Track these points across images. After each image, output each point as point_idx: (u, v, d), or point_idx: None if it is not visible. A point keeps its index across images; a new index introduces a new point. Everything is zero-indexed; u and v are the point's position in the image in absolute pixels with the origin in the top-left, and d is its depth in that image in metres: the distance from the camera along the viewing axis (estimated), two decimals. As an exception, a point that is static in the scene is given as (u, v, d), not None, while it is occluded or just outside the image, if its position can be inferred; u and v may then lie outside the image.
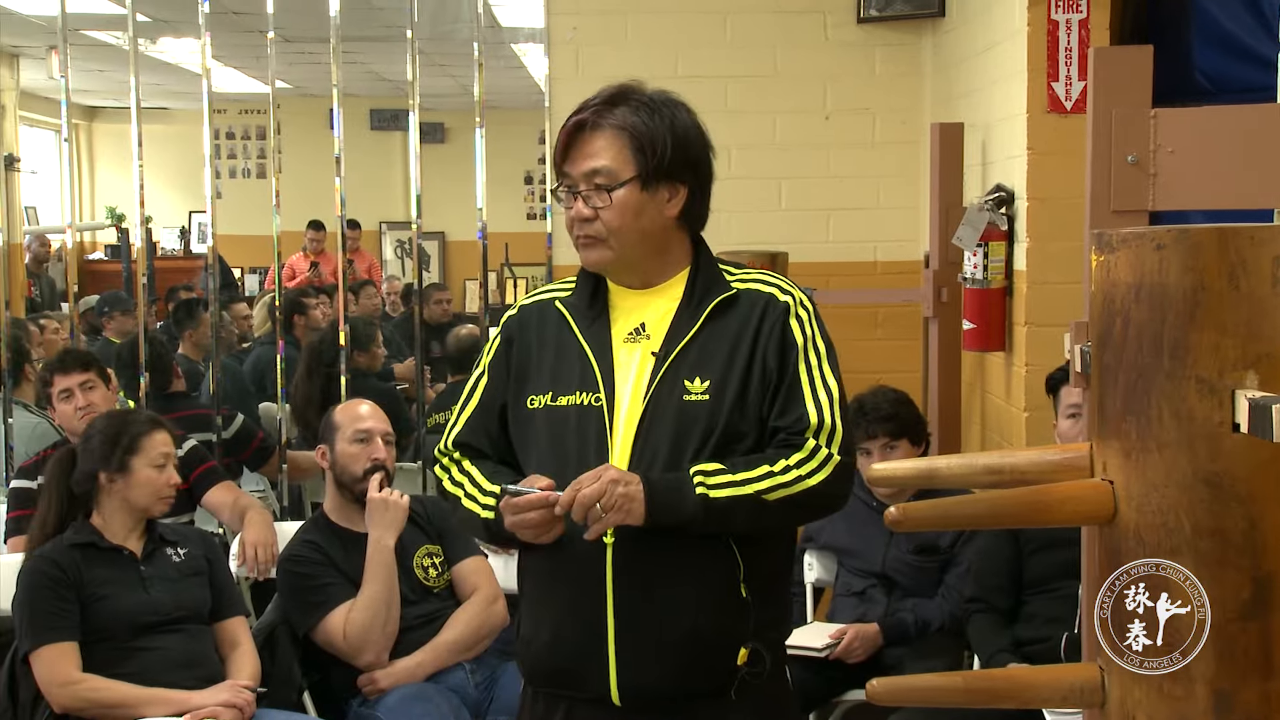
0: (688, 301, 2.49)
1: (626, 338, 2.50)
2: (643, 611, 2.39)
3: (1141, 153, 2.55)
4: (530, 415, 2.50)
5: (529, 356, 2.54)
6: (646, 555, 2.38)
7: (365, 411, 4.26)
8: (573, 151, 2.47)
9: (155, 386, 5.71)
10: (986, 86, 5.22)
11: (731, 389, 2.42)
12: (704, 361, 2.44)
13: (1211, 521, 1.63)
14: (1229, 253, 1.62)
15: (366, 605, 3.92)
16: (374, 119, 15.19)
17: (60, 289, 11.64)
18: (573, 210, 2.47)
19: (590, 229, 2.46)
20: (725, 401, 2.41)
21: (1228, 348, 1.62)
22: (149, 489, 3.91)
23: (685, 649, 2.40)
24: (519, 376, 2.54)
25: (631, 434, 2.42)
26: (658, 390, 2.42)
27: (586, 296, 2.54)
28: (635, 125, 2.44)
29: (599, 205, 2.44)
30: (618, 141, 2.44)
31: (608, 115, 2.45)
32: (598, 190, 2.44)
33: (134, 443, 3.93)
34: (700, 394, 2.41)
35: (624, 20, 6.13)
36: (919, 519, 1.80)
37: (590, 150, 2.45)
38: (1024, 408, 4.73)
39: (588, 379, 2.46)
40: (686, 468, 2.37)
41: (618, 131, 2.44)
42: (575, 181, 2.46)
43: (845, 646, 4.15)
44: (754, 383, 2.43)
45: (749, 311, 2.48)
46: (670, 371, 2.43)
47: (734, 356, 2.44)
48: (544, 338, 2.54)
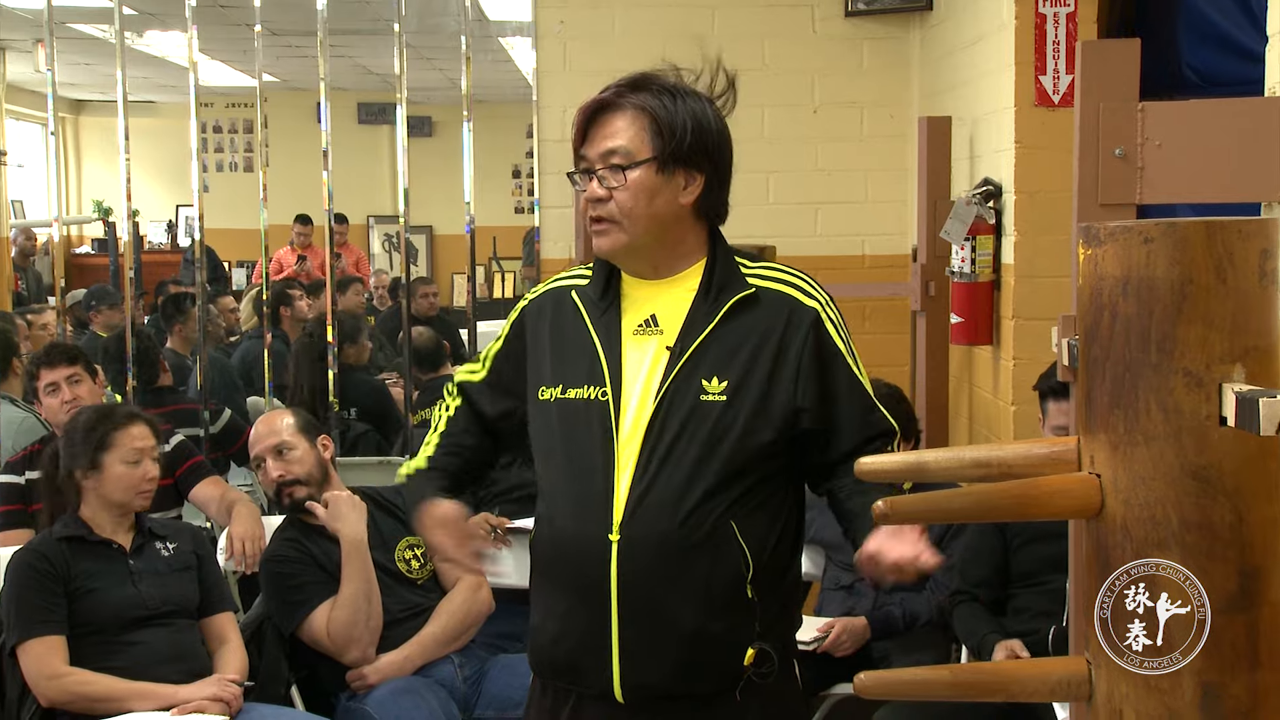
0: (704, 295, 2.45)
1: (636, 330, 2.46)
2: (647, 610, 2.37)
3: (1129, 146, 2.55)
4: (543, 407, 2.49)
5: (541, 346, 2.53)
6: (652, 554, 2.36)
7: (256, 434, 4.25)
8: (591, 132, 2.43)
9: (142, 381, 5.70)
10: (974, 80, 5.22)
11: (751, 393, 2.39)
12: (723, 361, 2.40)
13: (1198, 515, 1.64)
14: (1216, 246, 1.62)
15: (347, 603, 3.92)
16: (361, 113, 15.15)
17: (47, 283, 11.60)
18: (586, 191, 2.44)
19: (603, 209, 2.41)
20: (743, 405, 2.38)
21: (1215, 341, 1.62)
22: (122, 485, 3.89)
23: (690, 648, 2.38)
24: (533, 366, 2.53)
25: (639, 431, 2.38)
26: (672, 387, 2.39)
27: (600, 286, 2.50)
28: (656, 108, 2.40)
29: (613, 185, 2.40)
30: (638, 122, 2.40)
31: (629, 96, 2.41)
32: (613, 170, 2.40)
33: (105, 438, 3.91)
34: (717, 394, 2.38)
35: (611, 13, 6.12)
36: (906, 512, 1.80)
37: (609, 130, 2.41)
38: (1011, 401, 4.74)
39: (595, 372, 2.43)
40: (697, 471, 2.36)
41: (638, 112, 2.41)
42: (591, 163, 2.42)
43: (833, 639, 4.15)
44: (780, 390, 2.40)
45: (773, 314, 2.44)
46: (686, 369, 2.40)
47: (756, 359, 2.40)
48: (558, 326, 2.52)
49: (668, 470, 2.36)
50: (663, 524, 2.35)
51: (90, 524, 3.87)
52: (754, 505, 2.41)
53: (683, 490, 2.36)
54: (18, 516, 4.50)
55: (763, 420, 2.39)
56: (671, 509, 2.35)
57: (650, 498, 2.36)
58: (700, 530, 2.36)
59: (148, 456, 3.96)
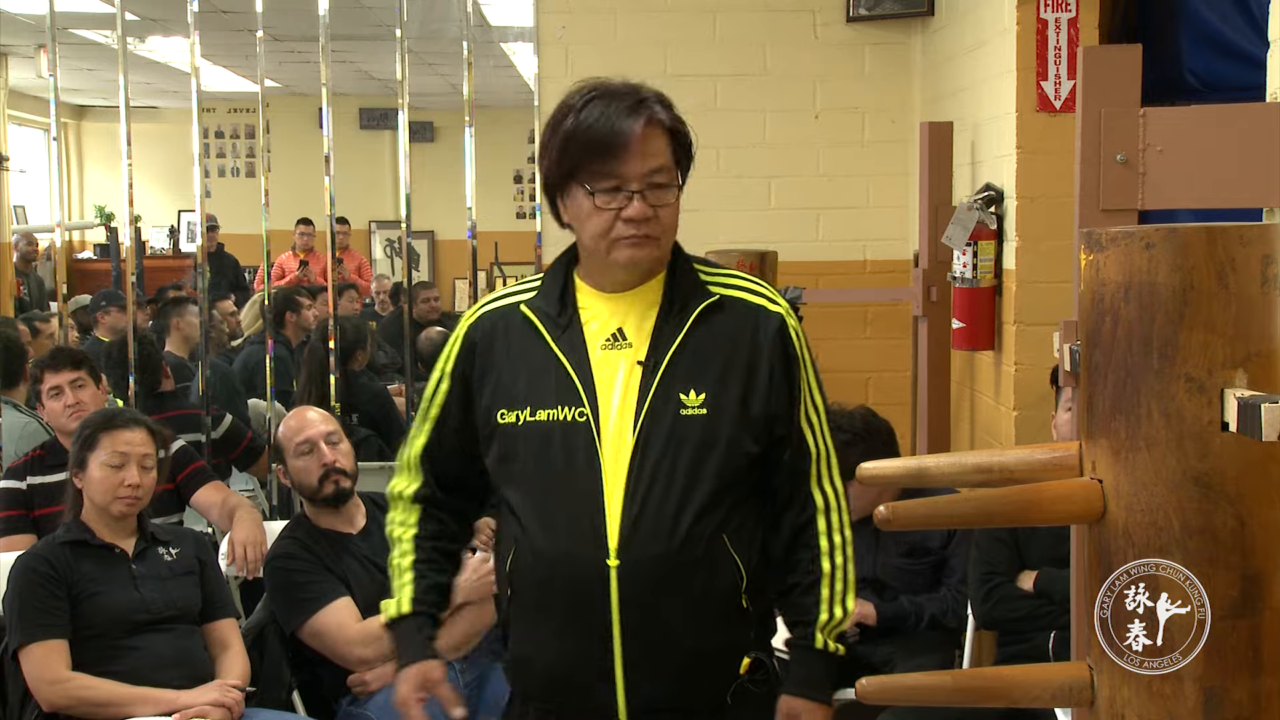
0: (669, 307, 2.40)
1: (604, 344, 2.40)
2: (649, 629, 2.34)
3: (1130, 152, 2.55)
4: (503, 431, 2.41)
5: (496, 366, 2.44)
6: (652, 575, 2.33)
7: (303, 422, 4.23)
8: (629, 150, 2.32)
9: (144, 386, 5.70)
10: (976, 85, 5.22)
11: (730, 403, 2.36)
12: (697, 372, 2.37)
13: (1200, 520, 1.64)
14: (1218, 252, 1.62)
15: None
16: (363, 118, 15.18)
17: (49, 288, 11.61)
18: (630, 210, 2.33)
19: (649, 228, 2.35)
20: (724, 415, 2.36)
21: (1217, 346, 1.62)
22: (101, 488, 3.86)
23: (693, 662, 2.38)
24: (487, 388, 2.44)
25: (624, 451, 2.34)
26: (652, 403, 2.35)
27: (555, 301, 2.43)
28: (675, 124, 2.38)
29: (661, 204, 2.35)
30: (668, 140, 2.37)
31: (658, 112, 2.36)
32: (658, 189, 2.35)
33: (92, 440, 3.90)
34: (696, 407, 2.35)
35: (613, 19, 6.13)
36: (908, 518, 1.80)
37: (651, 149, 2.34)
38: (1013, 407, 4.74)
39: (567, 392, 2.36)
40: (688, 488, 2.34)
41: (664, 130, 2.36)
42: (630, 181, 2.33)
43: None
44: (756, 398, 2.38)
45: (740, 321, 2.41)
46: (663, 383, 2.36)
47: (729, 368, 2.38)
48: (511, 346, 2.43)
49: (659, 489, 2.33)
50: (660, 545, 2.32)
51: (92, 528, 3.87)
52: (743, 516, 2.40)
53: (677, 509, 2.33)
54: (19, 522, 4.50)
55: (744, 429, 2.37)
56: (668, 529, 2.33)
57: (645, 519, 2.33)
58: (698, 547, 2.34)
59: (135, 462, 3.90)
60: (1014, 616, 3.97)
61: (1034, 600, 3.93)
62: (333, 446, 4.16)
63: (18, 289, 11.09)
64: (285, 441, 4.21)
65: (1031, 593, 3.94)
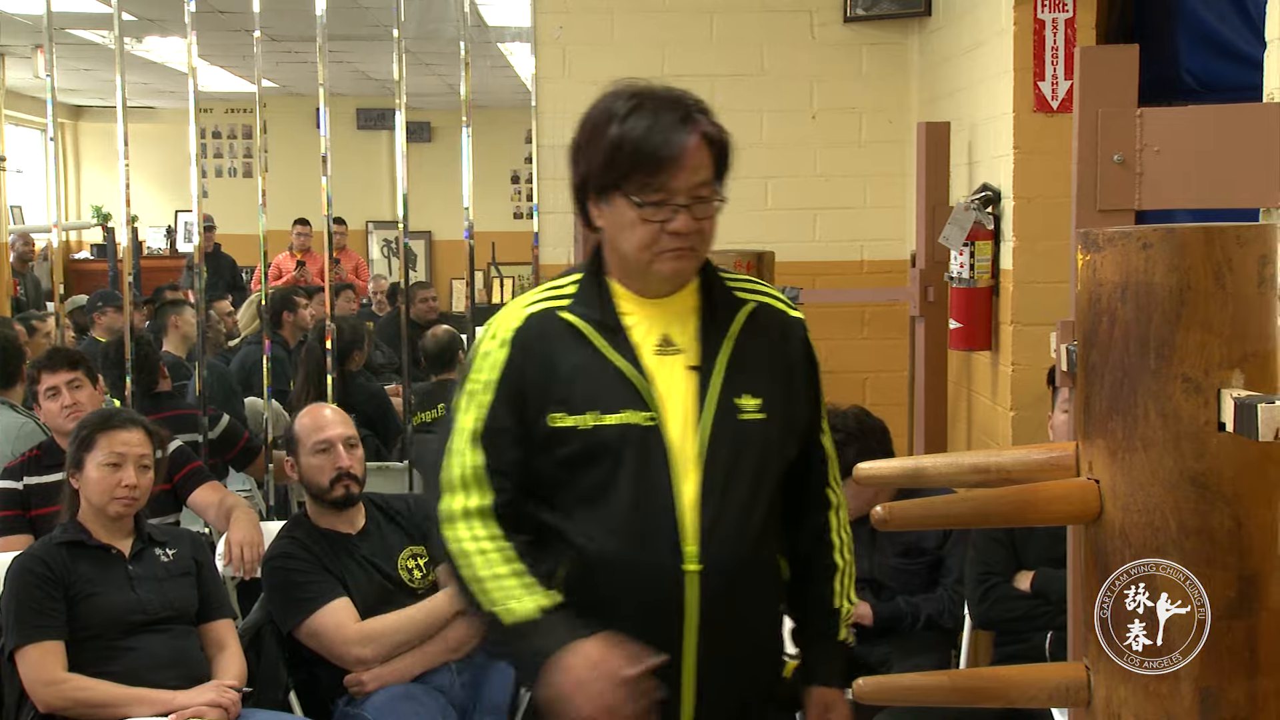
0: (711, 312, 2.41)
1: (657, 349, 2.38)
2: (726, 636, 2.34)
3: (1127, 152, 2.55)
4: (562, 435, 2.34)
5: (550, 372, 2.36)
6: (729, 581, 2.33)
7: (323, 420, 4.22)
8: (680, 164, 2.29)
9: (141, 386, 5.70)
10: (973, 85, 5.22)
11: (780, 408, 2.39)
12: (749, 378, 2.37)
13: (1197, 520, 1.64)
14: (1215, 252, 1.62)
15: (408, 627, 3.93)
16: (360, 118, 15.18)
17: (45, 288, 11.61)
18: (676, 223, 2.30)
19: (693, 241, 2.33)
20: (778, 420, 2.38)
21: (1214, 347, 1.62)
22: (97, 488, 3.86)
23: (759, 667, 2.44)
24: (542, 394, 2.36)
25: (696, 455, 2.32)
26: (716, 409, 2.34)
27: (598, 307, 2.40)
28: (721, 134, 2.36)
29: (704, 216, 2.33)
30: (709, 152, 2.34)
31: (706, 126, 2.33)
32: (702, 202, 2.32)
33: (89, 440, 3.90)
34: (754, 412, 2.36)
35: (610, 19, 6.13)
36: (905, 518, 1.81)
37: (697, 162, 2.31)
38: (1010, 407, 4.74)
39: (632, 396, 2.33)
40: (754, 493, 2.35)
41: (706, 143, 2.33)
42: (676, 194, 2.29)
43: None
44: (796, 401, 2.43)
45: (771, 326, 2.44)
46: (723, 388, 2.35)
47: (773, 374, 2.40)
48: (562, 351, 2.37)
49: (730, 495, 2.33)
50: (735, 550, 2.33)
51: (89, 529, 3.87)
52: (777, 517, 2.45)
53: (748, 514, 2.35)
54: (16, 522, 4.49)
55: (791, 434, 2.42)
56: (741, 534, 2.33)
57: (721, 525, 2.32)
58: (763, 549, 2.40)
59: (132, 463, 3.90)
60: (1011, 617, 3.97)
61: (1031, 600, 3.93)
62: (350, 451, 4.16)
63: (14, 289, 11.08)
64: (302, 436, 4.19)
65: (1028, 593, 3.94)
